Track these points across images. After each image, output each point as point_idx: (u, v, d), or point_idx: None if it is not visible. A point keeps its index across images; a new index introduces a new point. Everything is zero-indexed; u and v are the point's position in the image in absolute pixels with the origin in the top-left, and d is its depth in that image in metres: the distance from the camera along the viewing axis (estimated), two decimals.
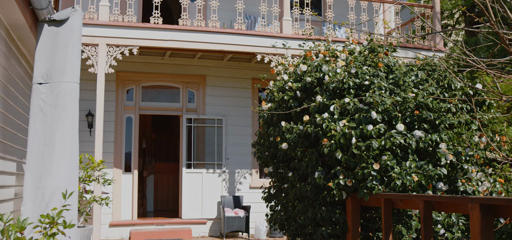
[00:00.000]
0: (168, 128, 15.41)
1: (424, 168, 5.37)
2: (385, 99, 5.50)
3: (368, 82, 5.84)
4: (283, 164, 6.84)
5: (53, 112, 4.77)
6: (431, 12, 10.68)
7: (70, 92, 4.86)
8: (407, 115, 5.69)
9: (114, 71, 10.93)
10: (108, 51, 8.96)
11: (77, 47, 4.99)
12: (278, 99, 6.65)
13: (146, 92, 11.52)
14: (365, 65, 6.31)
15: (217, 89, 11.68)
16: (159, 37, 9.35)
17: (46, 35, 4.95)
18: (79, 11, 5.02)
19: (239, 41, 9.79)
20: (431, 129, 5.88)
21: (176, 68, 11.52)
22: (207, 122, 11.59)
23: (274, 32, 9.94)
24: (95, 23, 8.96)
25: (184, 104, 11.62)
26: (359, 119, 5.55)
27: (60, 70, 4.86)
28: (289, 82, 6.54)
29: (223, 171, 11.48)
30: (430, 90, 5.87)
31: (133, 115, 11.23)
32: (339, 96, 5.99)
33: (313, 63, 6.45)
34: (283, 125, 6.40)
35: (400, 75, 5.84)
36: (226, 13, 11.14)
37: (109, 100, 10.90)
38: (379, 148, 5.46)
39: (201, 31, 9.57)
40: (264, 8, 10.07)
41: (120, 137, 10.94)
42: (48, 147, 4.71)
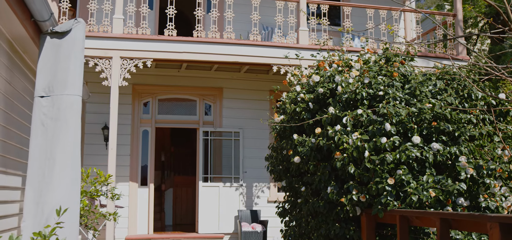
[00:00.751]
0: (187, 141, 15.31)
1: (442, 183, 5.07)
2: (399, 110, 5.23)
3: (382, 92, 5.58)
4: (296, 179, 6.61)
5: (54, 126, 4.66)
6: (453, 20, 10.33)
7: (72, 105, 4.74)
8: (424, 127, 5.40)
9: (130, 84, 10.91)
10: (122, 64, 8.90)
11: (80, 59, 4.88)
12: (290, 111, 6.43)
13: (162, 105, 11.44)
14: (380, 75, 6.05)
15: (234, 101, 11.52)
16: (173, 49, 9.25)
17: (49, 47, 4.86)
18: (82, 23, 4.92)
19: (254, 53, 9.62)
20: (450, 141, 5.57)
21: (192, 81, 11.41)
22: (224, 135, 11.42)
23: (291, 43, 9.74)
24: (109, 36, 8.92)
25: (200, 117, 11.50)
26: (373, 131, 5.29)
27: (62, 82, 4.75)
28: (302, 93, 6.31)
29: (241, 185, 11.28)
30: (448, 101, 5.57)
31: (149, 128, 11.15)
32: (352, 107, 5.74)
33: (326, 73, 6.22)
34: (295, 138, 6.18)
35: (415, 85, 5.55)
36: (243, 24, 11.00)
37: (125, 113, 10.85)
38: (394, 162, 5.18)
39: (215, 42, 9.44)
40: (280, 18, 9.89)
41: (136, 151, 10.86)
42: (49, 161, 4.60)
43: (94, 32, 8.94)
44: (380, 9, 10.23)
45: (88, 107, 10.70)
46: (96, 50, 8.84)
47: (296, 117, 6.37)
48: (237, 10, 11.03)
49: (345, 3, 10.14)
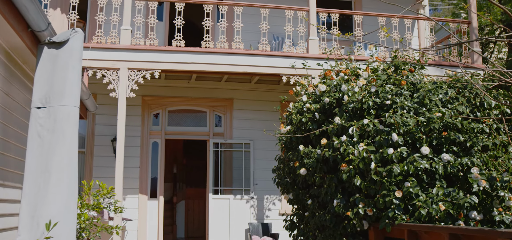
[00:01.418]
0: (199, 153, 15.20)
1: (453, 196, 4.83)
2: (407, 119, 5.02)
3: (390, 101, 5.37)
4: (303, 191, 6.42)
5: (50, 138, 4.56)
6: (467, 27, 10.06)
7: (69, 116, 4.64)
8: (433, 137, 5.17)
9: (140, 96, 10.86)
10: (130, 75, 8.83)
11: (77, 70, 4.79)
12: (296, 121, 6.26)
13: (172, 116, 11.36)
14: (389, 83, 5.85)
15: (244, 112, 11.38)
16: (181, 60, 9.16)
17: (46, 57, 4.78)
18: (80, 33, 4.84)
19: (263, 63, 9.48)
20: (462, 152, 5.34)
21: (202, 92, 11.32)
22: (235, 146, 11.28)
23: (301, 53, 9.59)
24: (116, 48, 8.87)
25: (211, 128, 11.38)
26: (379, 142, 5.08)
27: (58, 93, 4.66)
28: (308, 103, 6.14)
29: (251, 197, 11.10)
30: (459, 109, 5.34)
31: (159, 140, 11.06)
32: (359, 117, 5.55)
33: (332, 82, 6.04)
34: (301, 149, 6.00)
35: (424, 93, 5.34)
36: (252, 34, 10.89)
37: (134, 125, 10.79)
38: (402, 174, 4.97)
39: (224, 53, 9.33)
40: (290, 28, 9.75)
41: (145, 163, 10.77)
42: (45, 174, 4.49)
43: (102, 44, 8.90)
44: (392, 18, 10.02)
45: (98, 119, 10.66)
46: (104, 61, 8.79)
47: (302, 127, 6.20)
48: (246, 20, 10.92)
49: (356, 12, 9.96)
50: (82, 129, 10.86)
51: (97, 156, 10.55)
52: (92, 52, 8.78)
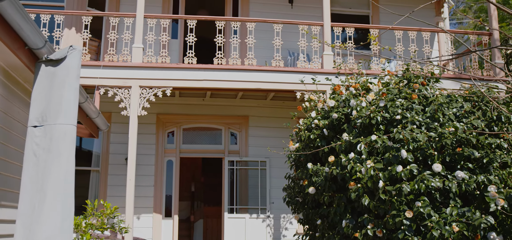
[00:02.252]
0: (218, 171, 15.05)
1: (468, 216, 4.53)
2: (417, 135, 4.75)
3: (400, 116, 5.11)
4: (313, 211, 6.17)
5: (46, 157, 4.46)
6: (488, 39, 9.69)
7: (65, 135, 4.54)
8: (446, 153, 4.88)
9: (154, 114, 10.81)
10: (141, 93, 8.77)
11: (74, 87, 4.69)
12: (305, 138, 6.04)
13: (187, 134, 11.25)
14: (400, 97, 5.59)
15: (260, 129, 11.20)
16: (193, 77, 9.06)
17: (43, 75, 4.71)
18: (77, 50, 4.75)
19: (277, 79, 9.29)
20: (479, 169, 5.02)
21: (217, 109, 11.19)
22: (250, 164, 11.08)
23: (315, 68, 9.37)
24: (128, 66, 8.83)
25: (226, 146, 11.22)
26: (388, 159, 4.82)
27: (55, 111, 4.57)
28: (316, 120, 5.92)
29: (268, 216, 10.86)
30: (475, 124, 5.04)
31: (174, 158, 10.95)
32: (367, 133, 5.30)
33: (341, 97, 5.81)
34: (309, 167, 5.77)
35: (435, 107, 5.06)
36: (266, 50, 10.74)
37: (149, 143, 10.73)
38: (413, 193, 4.69)
39: (236, 69, 9.20)
40: (304, 43, 9.56)
41: (160, 181, 10.67)
42: (39, 194, 4.39)
43: (114, 62, 8.88)
44: (410, 31, 9.74)
45: (112, 137, 10.63)
46: (115, 79, 8.76)
47: (311, 144, 5.98)
48: (260, 36, 10.81)
49: (371, 26, 9.72)
50: (96, 147, 10.85)
51: (111, 175, 10.50)
52: (104, 70, 8.76)
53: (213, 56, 9.44)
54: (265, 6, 11.62)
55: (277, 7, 11.68)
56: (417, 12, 11.46)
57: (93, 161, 10.80)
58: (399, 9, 11.14)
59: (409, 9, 11.56)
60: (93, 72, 8.77)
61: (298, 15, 11.59)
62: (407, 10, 11.29)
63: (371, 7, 11.92)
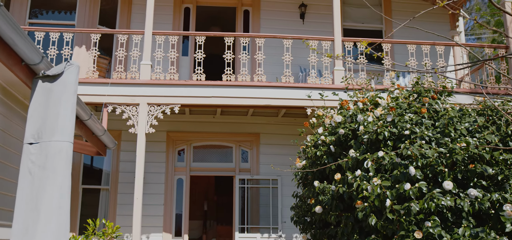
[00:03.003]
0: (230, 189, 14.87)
1: (482, 237, 4.26)
2: (426, 151, 4.52)
3: (408, 131, 4.89)
4: (320, 231, 5.94)
5: (41, 175, 4.34)
6: (505, 52, 9.39)
7: (60, 152, 4.42)
8: (457, 170, 4.63)
9: (164, 131, 10.72)
10: (149, 110, 8.67)
11: (71, 103, 4.59)
12: (312, 155, 5.84)
13: (197, 152, 11.11)
14: (410, 112, 5.37)
15: (271, 147, 11.01)
16: (201, 94, 8.94)
17: (40, 91, 4.62)
18: (75, 66, 4.66)
19: (287, 95, 9.12)
20: (493, 186, 4.76)
21: (228, 126, 11.05)
22: (262, 182, 10.88)
23: (326, 84, 9.18)
24: (136, 83, 8.76)
25: (237, 164, 11.04)
26: (396, 177, 4.59)
27: (50, 128, 4.46)
28: (323, 136, 5.72)
29: (279, 236, 10.61)
30: (488, 139, 4.79)
31: (184, 177, 10.81)
32: (375, 150, 5.08)
33: (348, 112, 5.61)
34: (316, 185, 5.56)
35: (445, 122, 4.83)
36: (277, 66, 10.60)
37: (159, 161, 10.62)
38: (422, 212, 4.45)
39: (245, 86, 9.06)
40: (314, 59, 9.39)
41: (170, 200, 10.52)
42: (33, 213, 4.26)
43: (122, 79, 8.81)
44: (423, 45, 9.50)
45: (122, 155, 10.55)
46: (123, 97, 8.68)
47: (318, 162, 5.77)
48: (271, 52, 10.69)
49: (383, 40, 9.49)
50: (106, 165, 10.78)
51: (121, 193, 10.39)
52: (112, 87, 8.70)
53: (224, 72, 9.32)
54: (276, 22, 11.51)
55: (288, 23, 11.56)
56: (431, 26, 11.23)
57: (103, 179, 10.72)
58: (413, 23, 10.92)
59: (423, 23, 11.33)
60: (101, 89, 8.72)
61: (309, 30, 11.45)
62: (420, 24, 11.07)
63: (384, 22, 11.72)
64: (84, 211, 10.41)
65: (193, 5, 11.63)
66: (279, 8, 11.68)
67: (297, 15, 11.65)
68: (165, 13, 11.37)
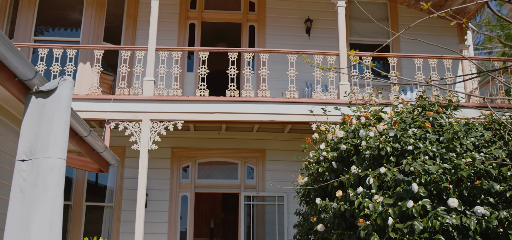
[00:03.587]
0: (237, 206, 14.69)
1: None
2: (430, 167, 4.35)
3: (412, 146, 4.72)
4: None
5: (32, 192, 4.24)
6: None
7: (52, 170, 4.31)
8: (463, 187, 4.45)
9: (169, 148, 10.61)
10: (152, 126, 8.58)
11: (64, 120, 4.50)
12: (314, 171, 5.69)
13: (202, 168, 10.98)
14: (414, 126, 5.20)
15: (277, 163, 10.85)
16: (205, 110, 8.83)
17: (33, 107, 4.53)
18: (69, 81, 4.57)
19: (291, 110, 8.97)
20: (502, 203, 4.56)
21: (233, 143, 10.92)
22: (267, 199, 10.71)
23: (331, 99, 9.03)
24: (139, 99, 8.68)
25: (242, 181, 10.89)
26: (399, 194, 4.42)
27: (43, 145, 4.36)
28: (324, 152, 5.57)
29: None
30: (496, 154, 4.60)
31: (188, 194, 10.68)
32: (378, 166, 4.91)
33: (350, 127, 5.46)
34: (318, 203, 5.40)
35: (449, 136, 4.65)
36: (281, 82, 10.48)
37: (163, 178, 10.51)
38: (426, 230, 4.26)
39: (249, 101, 8.94)
40: (319, 74, 9.26)
41: (174, 218, 10.38)
42: (24, 232, 4.15)
43: (124, 95, 8.75)
44: (430, 59, 9.33)
45: (126, 172, 10.46)
46: (126, 113, 8.61)
47: (320, 178, 5.61)
48: (276, 67, 10.60)
49: (389, 54, 9.36)
50: (111, 182, 10.69)
51: (124, 211, 10.28)
52: (115, 104, 8.64)
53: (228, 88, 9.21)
54: (281, 37, 11.42)
55: (294, 38, 11.47)
56: (439, 40, 11.08)
57: (107, 196, 10.62)
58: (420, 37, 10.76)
59: (430, 37, 11.18)
60: (104, 106, 8.66)
61: (315, 45, 11.34)
62: (428, 38, 10.91)
63: (391, 36, 11.57)
64: (88, 228, 10.31)
65: (198, 21, 11.59)
66: (284, 23, 11.60)
67: (303, 30, 11.56)
68: (170, 29, 11.34)
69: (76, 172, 10.48)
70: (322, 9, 11.63)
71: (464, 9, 11.14)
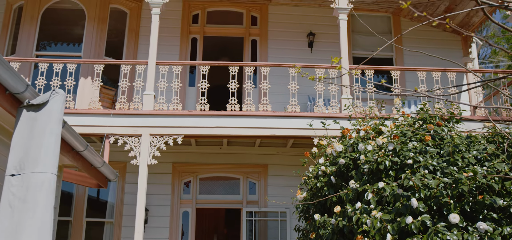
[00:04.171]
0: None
1: None
2: (429, 181, 4.21)
3: (411, 160, 4.59)
4: None
5: (21, 208, 4.14)
6: None
7: (42, 184, 4.22)
8: (464, 202, 4.30)
9: (170, 163, 10.52)
10: (152, 141, 8.49)
11: (55, 133, 4.41)
12: (312, 186, 5.56)
13: (204, 184, 10.87)
14: (415, 140, 5.07)
15: (280, 178, 10.70)
16: (205, 124, 8.73)
17: (24, 121, 4.45)
18: (60, 94, 4.50)
19: (292, 125, 8.86)
20: (505, 219, 4.40)
21: (235, 158, 10.81)
22: (270, 215, 10.55)
23: (333, 113, 8.90)
24: (138, 113, 8.61)
25: (244, 196, 10.75)
26: (397, 209, 4.28)
27: (33, 159, 4.28)
28: (323, 166, 5.45)
29: None
30: (498, 168, 4.45)
31: (190, 209, 10.55)
32: (377, 180, 4.77)
33: (349, 141, 5.34)
34: (316, 219, 5.26)
35: (449, 149, 4.51)
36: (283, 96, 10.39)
37: (164, 194, 10.40)
38: None
39: (249, 115, 8.84)
40: (321, 87, 9.15)
41: (175, 234, 10.24)
42: None
43: (124, 110, 8.68)
44: (434, 71, 9.20)
45: (127, 187, 10.36)
46: (126, 127, 8.53)
47: (319, 193, 5.47)
48: (278, 81, 10.51)
49: (392, 67, 9.25)
50: (111, 198, 10.59)
51: (125, 227, 10.17)
52: (114, 118, 8.57)
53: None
54: (284, 51, 11.35)
55: (297, 51, 11.40)
56: (443, 53, 10.96)
57: (108, 212, 10.52)
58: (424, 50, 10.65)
59: (435, 50, 11.06)
60: (103, 120, 8.59)
61: (318, 59, 11.25)
62: (432, 51, 10.79)
63: (395, 50, 11.47)
64: None
65: (200, 35, 11.56)
66: (287, 37, 11.54)
67: (305, 43, 11.49)
68: (172, 44, 11.31)
69: (77, 187, 10.39)
70: (324, 23, 11.56)
71: (468, 22, 11.03)
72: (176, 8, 11.54)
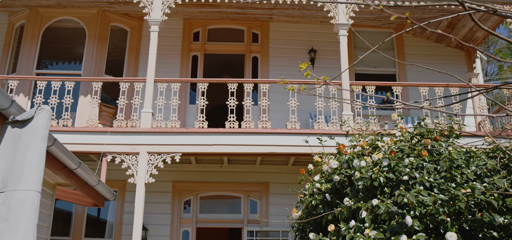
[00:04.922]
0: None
1: None
2: (425, 198, 4.04)
3: (407, 176, 4.42)
4: None
5: (3, 227, 4.02)
6: None
7: (25, 202, 4.10)
8: (463, 220, 4.12)
9: (170, 181, 10.39)
10: (149, 159, 8.37)
11: (39, 150, 4.31)
12: (307, 204, 5.39)
13: (204, 203, 10.71)
14: (412, 155, 4.90)
15: (281, 197, 10.52)
16: (204, 142, 8.61)
17: (8, 137, 4.36)
18: (46, 110, 4.40)
19: (292, 142, 8.70)
20: (507, 237, 4.21)
21: (236, 176, 10.66)
22: (271, 234, 10.34)
23: (334, 129, 8.75)
24: (136, 131, 8.51)
25: (245, 215, 10.57)
26: (392, 228, 4.10)
27: (16, 176, 4.17)
28: (318, 184, 5.29)
29: None
30: (498, 184, 4.27)
31: (190, 229, 10.38)
32: (371, 197, 4.61)
33: (344, 157, 5.18)
34: (311, 238, 5.08)
35: (445, 166, 4.34)
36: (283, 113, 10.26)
37: (164, 213, 10.25)
38: None
39: (248, 133, 8.70)
40: (321, 104, 9.02)
41: None
42: None
43: (121, 128, 8.59)
44: (436, 87, 9.04)
45: (126, 206, 10.23)
46: (123, 145, 8.43)
47: (314, 212, 5.31)
48: (278, 98, 10.41)
49: (393, 83, 9.10)
50: (111, 217, 10.46)
51: None
52: (111, 136, 8.48)
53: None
54: (285, 68, 11.25)
55: (298, 68, 11.26)
56: (447, 68, 10.80)
57: (107, 231, 10.38)
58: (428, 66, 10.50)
59: (438, 66, 10.90)
60: (101, 138, 8.50)
61: (319, 75, 11.11)
62: (436, 67, 10.63)
63: (398, 66, 11.33)
64: None
65: (200, 53, 11.50)
66: (288, 54, 11.45)
67: (307, 60, 11.39)
68: (172, 61, 11.26)
69: (76, 206, 10.28)
70: (326, 39, 11.46)
71: (471, 37, 10.88)
72: (177, 26, 11.51)
